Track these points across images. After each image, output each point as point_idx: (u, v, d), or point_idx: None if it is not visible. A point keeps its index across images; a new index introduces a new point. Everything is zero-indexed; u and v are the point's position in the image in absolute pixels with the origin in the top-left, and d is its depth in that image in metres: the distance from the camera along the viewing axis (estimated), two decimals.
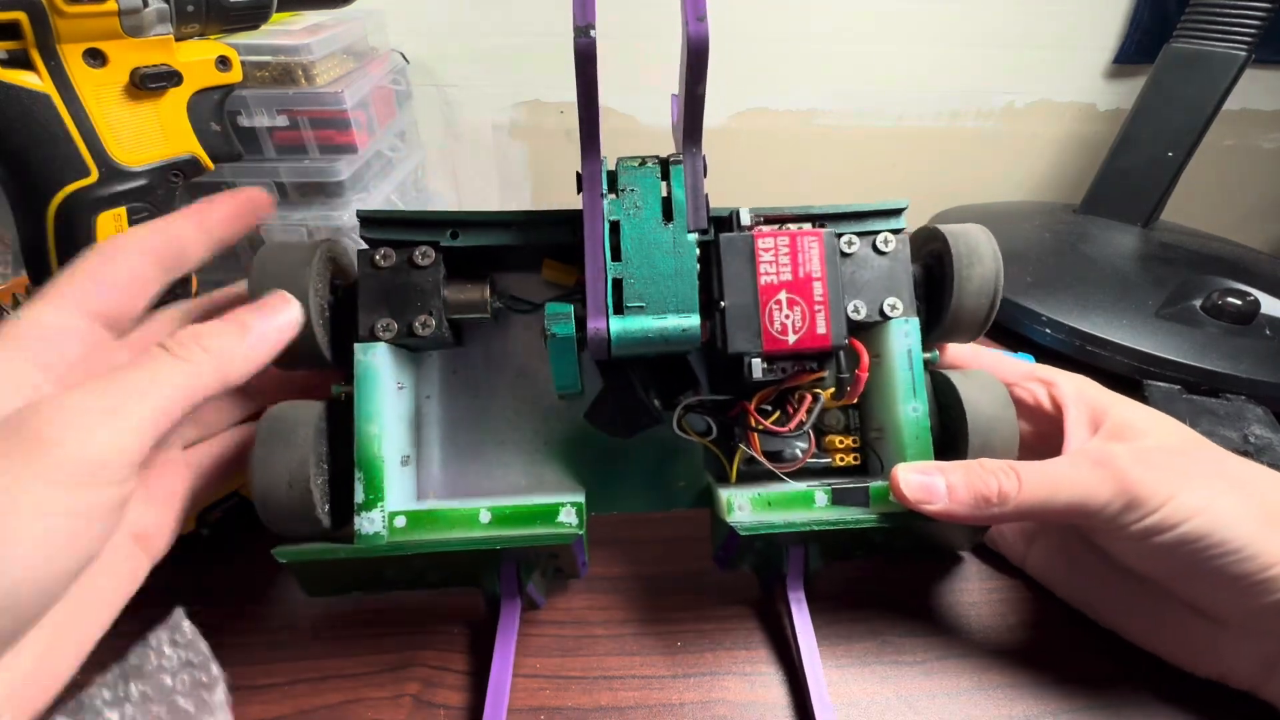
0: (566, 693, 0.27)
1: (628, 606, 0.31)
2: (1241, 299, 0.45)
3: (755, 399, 0.28)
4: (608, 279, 0.25)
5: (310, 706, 0.27)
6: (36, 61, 0.25)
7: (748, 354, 0.26)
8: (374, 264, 0.27)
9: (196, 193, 0.46)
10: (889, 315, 0.27)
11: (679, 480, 0.31)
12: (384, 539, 0.25)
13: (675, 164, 0.26)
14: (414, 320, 0.26)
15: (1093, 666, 0.29)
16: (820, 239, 0.26)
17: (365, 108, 0.47)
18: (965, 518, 0.25)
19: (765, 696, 0.27)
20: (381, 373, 0.26)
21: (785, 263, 0.26)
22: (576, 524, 0.26)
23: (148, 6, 0.27)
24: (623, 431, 0.30)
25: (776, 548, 0.28)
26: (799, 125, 0.66)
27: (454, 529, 0.26)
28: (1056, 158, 0.70)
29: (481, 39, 0.60)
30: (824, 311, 0.26)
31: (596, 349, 0.25)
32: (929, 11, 0.61)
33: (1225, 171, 0.69)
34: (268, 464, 0.24)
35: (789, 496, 0.27)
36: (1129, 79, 0.65)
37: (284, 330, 0.24)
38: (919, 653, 0.29)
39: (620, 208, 0.26)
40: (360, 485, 0.26)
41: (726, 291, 0.26)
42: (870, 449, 0.30)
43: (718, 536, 0.28)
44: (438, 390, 0.31)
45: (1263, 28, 0.49)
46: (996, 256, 0.28)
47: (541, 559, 0.27)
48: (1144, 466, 0.24)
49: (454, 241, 0.27)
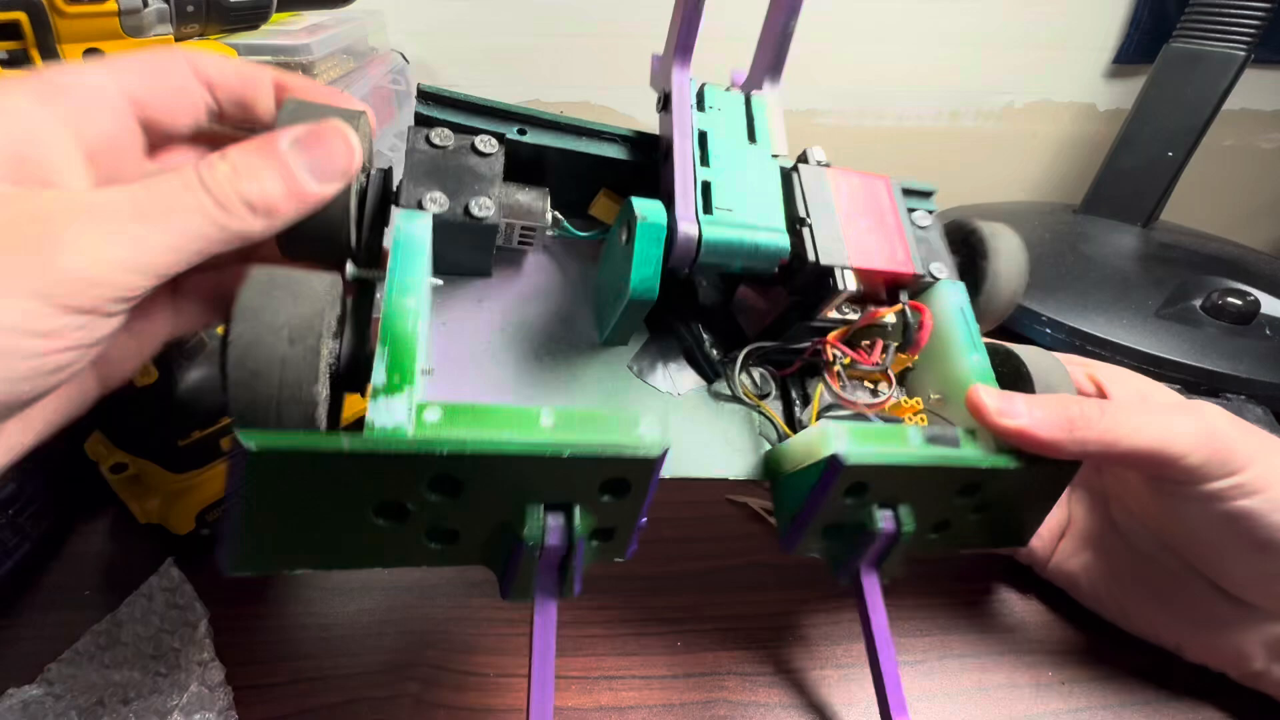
0: (566, 693, 0.27)
1: (628, 606, 0.31)
2: (1241, 299, 0.45)
3: (833, 337, 0.27)
4: (697, 180, 0.24)
5: (310, 706, 0.27)
6: (37, 62, 0.25)
7: (839, 266, 0.25)
8: (429, 141, 0.23)
9: None
10: (936, 276, 0.27)
11: (733, 444, 0.27)
12: (408, 434, 0.18)
13: (757, 96, 0.26)
14: (470, 201, 0.23)
15: (1092, 666, 0.29)
16: (888, 183, 0.28)
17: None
18: (1046, 441, 0.23)
19: (765, 696, 0.27)
20: (425, 248, 0.21)
21: (860, 196, 0.27)
22: (662, 438, 0.20)
23: (148, 7, 0.27)
24: (673, 385, 0.27)
25: (864, 515, 0.24)
26: (799, 125, 0.66)
27: (506, 431, 0.19)
28: (1056, 158, 0.70)
29: (481, 39, 0.60)
30: (902, 241, 0.26)
31: (684, 250, 0.23)
32: (929, 11, 0.61)
33: (1225, 171, 0.69)
34: (262, 311, 0.18)
35: (885, 431, 0.24)
36: (1129, 79, 0.65)
37: (338, 178, 0.20)
38: (920, 652, 0.29)
39: (707, 121, 0.25)
40: (382, 365, 0.19)
41: (812, 210, 0.26)
42: (935, 414, 0.28)
43: (792, 500, 0.25)
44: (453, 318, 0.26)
45: (1262, 28, 0.49)
46: (1017, 238, 0.29)
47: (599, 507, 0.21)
48: (1230, 423, 0.24)
49: (522, 137, 0.25)
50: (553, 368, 0.26)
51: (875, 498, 0.24)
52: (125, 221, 0.17)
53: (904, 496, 0.25)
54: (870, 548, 0.25)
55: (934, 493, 0.25)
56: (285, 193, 0.19)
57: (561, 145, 0.25)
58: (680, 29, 0.24)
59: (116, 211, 0.17)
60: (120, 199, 0.17)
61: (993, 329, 0.29)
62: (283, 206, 0.19)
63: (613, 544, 0.23)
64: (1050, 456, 0.24)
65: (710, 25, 0.26)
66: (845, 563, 0.26)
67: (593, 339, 0.27)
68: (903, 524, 0.24)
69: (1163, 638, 0.28)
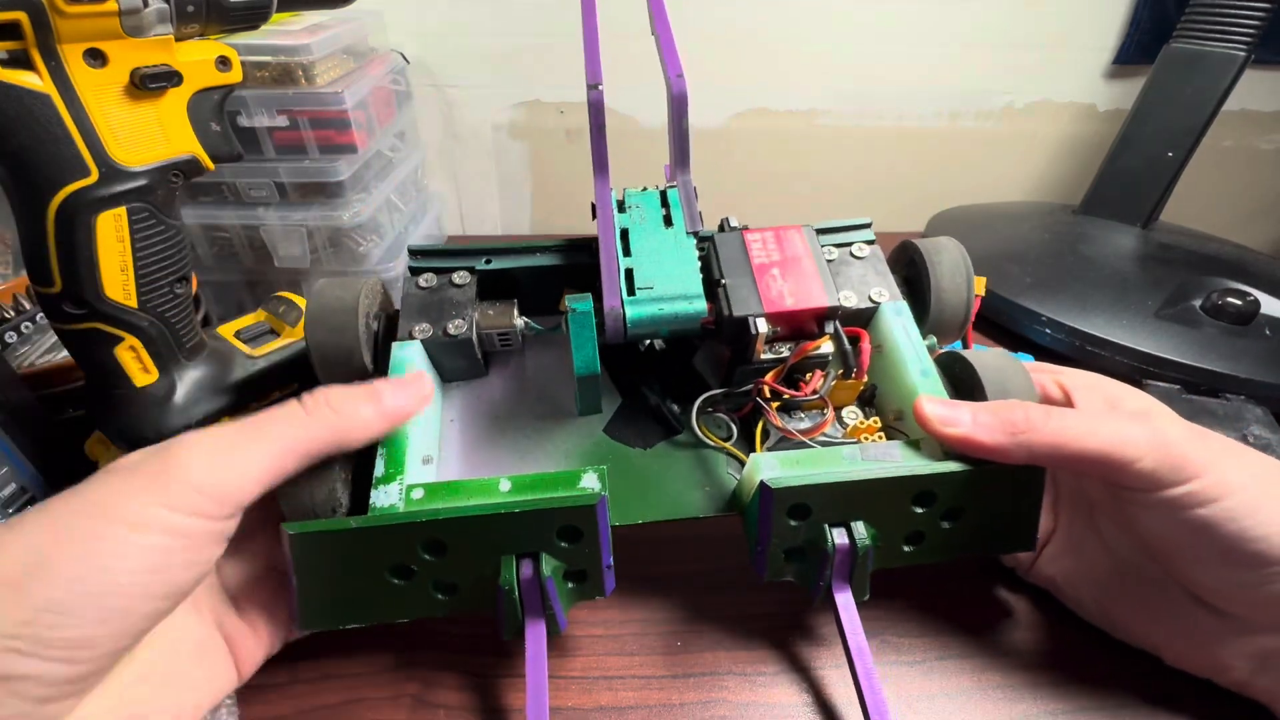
0: (566, 693, 0.27)
1: (627, 606, 0.31)
2: (1241, 299, 0.45)
3: (769, 377, 0.29)
4: (620, 269, 0.29)
5: (310, 706, 0.27)
6: (37, 61, 0.25)
7: (751, 315, 0.28)
8: (418, 285, 0.31)
9: (196, 192, 0.46)
10: (877, 301, 0.30)
11: (705, 486, 0.30)
12: (399, 509, 0.25)
13: (670, 188, 0.32)
14: (448, 324, 0.29)
15: (1091, 666, 0.29)
16: (800, 230, 0.31)
17: (365, 108, 0.47)
18: (990, 446, 0.24)
19: (765, 696, 0.27)
20: (415, 368, 0.28)
21: (774, 248, 0.30)
22: (599, 487, 0.25)
23: (148, 6, 0.27)
24: (642, 441, 0.31)
25: (818, 536, 0.26)
26: (799, 125, 0.66)
27: (473, 498, 0.25)
28: (1056, 158, 0.70)
29: (481, 39, 0.60)
30: (814, 279, 0.29)
31: (613, 328, 0.28)
32: (929, 11, 0.61)
33: (1225, 172, 0.69)
34: (294, 495, 0.24)
35: (818, 455, 0.26)
36: (1129, 79, 0.65)
37: (414, 403, 0.25)
38: (919, 653, 0.29)
39: (628, 219, 0.31)
40: (381, 460, 0.25)
41: (726, 272, 0.29)
42: (895, 430, 0.29)
43: (751, 529, 0.26)
44: (459, 414, 0.32)
45: (1262, 28, 0.49)
46: (960, 248, 0.32)
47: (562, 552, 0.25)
48: (1184, 430, 0.24)
49: (488, 265, 0.31)
50: (539, 441, 0.31)
51: (823, 518, 0.25)
52: (235, 441, 0.22)
53: (854, 513, 0.26)
54: (830, 566, 0.26)
55: (885, 506, 0.26)
56: (373, 409, 0.24)
57: (520, 265, 0.32)
58: (595, 153, 0.30)
59: (229, 435, 0.22)
60: (233, 426, 0.22)
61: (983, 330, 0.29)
62: (369, 416, 0.24)
63: (588, 584, 0.26)
64: (999, 461, 0.24)
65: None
66: (814, 583, 0.27)
67: (573, 411, 0.32)
68: (858, 539, 0.25)
69: (1144, 644, 0.28)
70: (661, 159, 0.32)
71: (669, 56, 0.29)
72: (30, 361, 0.37)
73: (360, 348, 0.28)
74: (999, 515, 0.27)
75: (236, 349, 0.36)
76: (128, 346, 0.30)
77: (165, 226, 0.30)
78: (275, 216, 0.46)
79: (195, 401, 0.33)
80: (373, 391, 0.25)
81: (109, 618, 0.19)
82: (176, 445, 0.21)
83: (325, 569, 0.24)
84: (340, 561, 0.24)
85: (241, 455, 0.21)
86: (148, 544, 0.19)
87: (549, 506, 0.24)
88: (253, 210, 0.46)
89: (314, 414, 0.23)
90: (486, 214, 0.70)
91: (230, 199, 0.46)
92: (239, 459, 0.21)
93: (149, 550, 0.19)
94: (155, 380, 0.32)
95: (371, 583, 0.24)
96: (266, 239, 0.47)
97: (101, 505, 0.20)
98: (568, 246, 0.32)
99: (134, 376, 0.31)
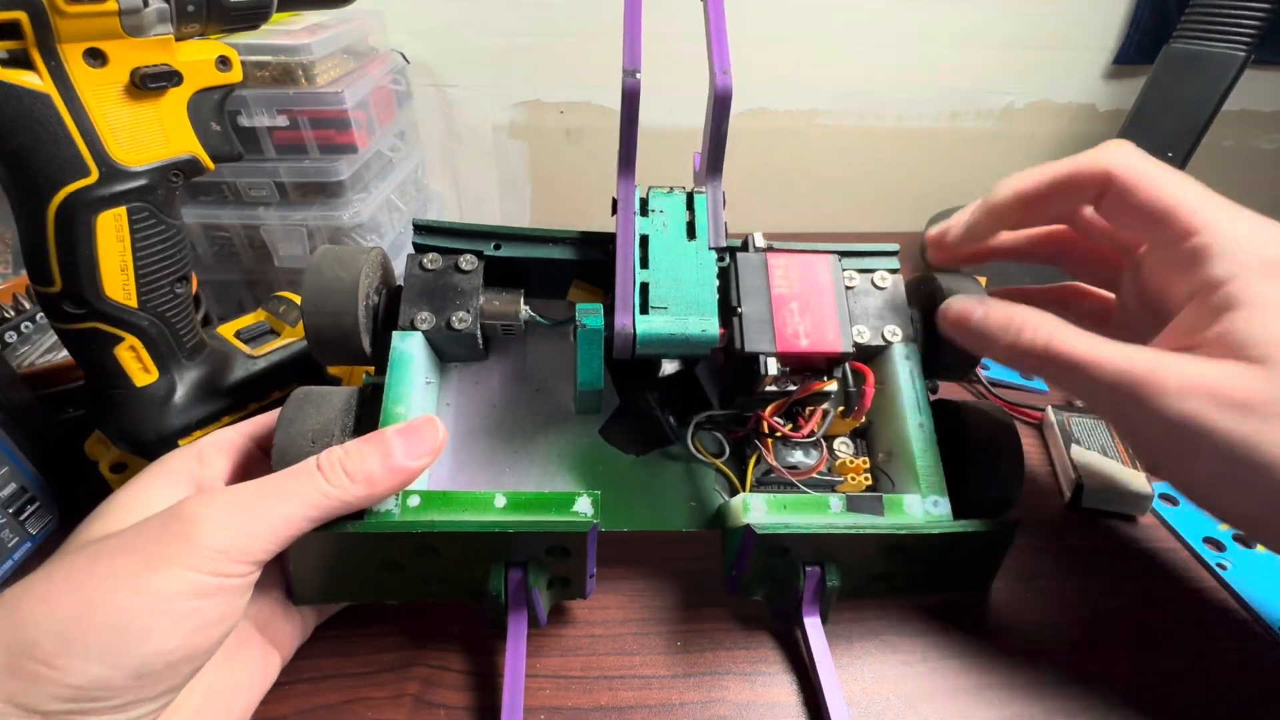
0: (566, 693, 0.27)
1: (628, 606, 0.31)
2: None
3: (769, 410, 0.29)
4: (635, 282, 0.27)
5: (310, 706, 0.27)
6: (37, 61, 0.25)
7: (763, 353, 0.27)
8: (422, 266, 0.29)
9: (196, 192, 0.46)
10: (890, 340, 0.30)
11: (690, 501, 0.30)
12: (396, 516, 0.25)
13: (698, 194, 0.30)
14: (452, 316, 0.28)
15: (1092, 666, 0.29)
16: (827, 261, 0.29)
17: (365, 108, 0.47)
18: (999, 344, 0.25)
19: (765, 696, 0.27)
20: (414, 361, 0.27)
21: (796, 278, 0.29)
22: (592, 514, 0.25)
23: (148, 6, 0.27)
24: (636, 448, 0.31)
25: (790, 571, 0.27)
26: (799, 125, 0.66)
27: (468, 512, 0.25)
28: (1056, 158, 0.70)
29: (481, 39, 0.60)
30: (832, 320, 0.28)
31: (622, 345, 0.27)
32: (929, 11, 0.61)
33: (1225, 172, 0.69)
34: (294, 422, 0.25)
35: (804, 501, 0.27)
36: (1129, 79, 0.65)
37: (426, 456, 0.25)
38: (919, 653, 0.29)
39: (649, 225, 0.29)
40: None
41: (744, 299, 0.28)
42: (880, 471, 0.30)
43: (729, 553, 0.28)
44: (455, 398, 0.31)
45: (1262, 28, 0.49)
46: (980, 289, 0.30)
47: (550, 564, 0.26)
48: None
49: (497, 252, 0.30)
50: (533, 437, 0.31)
51: (799, 557, 0.27)
52: (251, 502, 0.22)
53: (828, 556, 0.27)
54: (799, 598, 0.27)
55: (859, 553, 0.27)
56: (384, 468, 0.24)
57: (531, 254, 0.30)
58: (623, 147, 0.28)
59: (245, 496, 0.22)
60: (250, 487, 0.22)
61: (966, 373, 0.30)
62: (381, 478, 0.24)
63: (571, 588, 0.28)
64: None
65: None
66: (780, 608, 0.29)
67: (570, 409, 0.31)
68: (828, 579, 0.27)
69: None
70: (667, 161, 0.31)
71: (718, 50, 0.27)
72: (30, 361, 0.37)
73: (359, 332, 0.27)
74: (963, 566, 0.29)
75: (236, 349, 0.36)
76: (128, 346, 0.30)
77: (165, 226, 0.30)
78: (275, 216, 0.46)
79: (195, 401, 0.33)
80: (385, 450, 0.24)
81: (151, 683, 0.20)
82: (193, 510, 0.21)
83: (320, 560, 0.25)
84: (335, 555, 0.25)
85: (258, 520, 0.22)
86: (181, 610, 0.20)
87: (542, 530, 0.25)
88: (253, 210, 0.46)
89: (329, 477, 0.23)
90: (486, 214, 0.70)
91: (230, 199, 0.46)
92: (256, 524, 0.21)
93: (182, 617, 0.20)
94: (155, 380, 0.32)
95: (362, 571, 0.26)
96: (267, 239, 0.47)
97: (130, 579, 0.20)
98: (581, 240, 0.30)
99: (134, 376, 0.31)
